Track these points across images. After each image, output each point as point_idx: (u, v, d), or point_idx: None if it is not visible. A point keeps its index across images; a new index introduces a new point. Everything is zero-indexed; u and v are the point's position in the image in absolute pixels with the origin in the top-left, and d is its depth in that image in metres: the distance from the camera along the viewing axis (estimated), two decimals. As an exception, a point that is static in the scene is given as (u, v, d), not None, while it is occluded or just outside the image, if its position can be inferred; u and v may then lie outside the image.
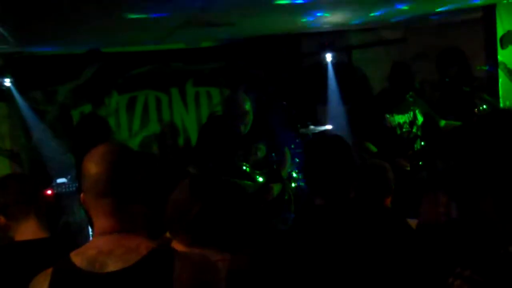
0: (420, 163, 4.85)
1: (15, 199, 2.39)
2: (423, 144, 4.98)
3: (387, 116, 4.90)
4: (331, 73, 6.63)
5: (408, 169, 4.79)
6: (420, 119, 4.99)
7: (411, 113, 4.96)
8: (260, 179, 4.68)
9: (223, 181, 2.26)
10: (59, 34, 5.13)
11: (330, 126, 6.11)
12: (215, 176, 2.55)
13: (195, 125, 6.97)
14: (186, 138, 7.00)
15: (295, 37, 6.97)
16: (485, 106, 5.13)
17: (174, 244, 2.17)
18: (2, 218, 2.38)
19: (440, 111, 5.21)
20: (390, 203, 3.33)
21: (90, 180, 1.66)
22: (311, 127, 5.89)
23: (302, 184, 5.29)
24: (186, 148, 6.90)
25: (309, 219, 2.00)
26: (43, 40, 5.54)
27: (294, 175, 5.47)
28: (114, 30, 5.19)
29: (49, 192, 5.36)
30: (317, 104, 6.99)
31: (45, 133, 6.19)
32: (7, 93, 5.96)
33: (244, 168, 4.63)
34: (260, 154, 4.75)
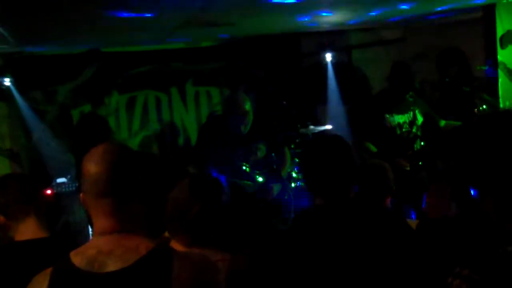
0: (420, 163, 4.85)
1: (15, 199, 2.38)
2: (423, 144, 4.98)
3: (387, 116, 4.90)
4: (331, 73, 6.63)
5: (408, 169, 4.79)
6: (420, 119, 4.98)
7: (411, 113, 4.96)
8: (260, 179, 4.68)
9: (224, 181, 2.27)
10: (59, 34, 5.13)
11: (330, 126, 6.11)
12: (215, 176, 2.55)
13: (195, 125, 6.97)
14: (186, 138, 7.01)
15: (295, 37, 6.97)
16: (485, 106, 5.13)
17: (173, 243, 2.17)
18: (2, 218, 2.38)
19: (440, 111, 5.20)
20: (390, 203, 3.34)
21: (90, 180, 1.66)
22: (311, 127, 5.89)
23: (302, 184, 5.29)
24: (186, 148, 6.90)
25: (309, 219, 2.00)
26: (43, 40, 5.54)
27: (294, 175, 5.47)
28: (114, 30, 5.19)
29: (49, 191, 5.35)
30: (317, 104, 6.99)
31: (45, 133, 6.19)
32: (7, 93, 5.97)
33: (244, 168, 4.62)
34: (260, 154, 4.75)
